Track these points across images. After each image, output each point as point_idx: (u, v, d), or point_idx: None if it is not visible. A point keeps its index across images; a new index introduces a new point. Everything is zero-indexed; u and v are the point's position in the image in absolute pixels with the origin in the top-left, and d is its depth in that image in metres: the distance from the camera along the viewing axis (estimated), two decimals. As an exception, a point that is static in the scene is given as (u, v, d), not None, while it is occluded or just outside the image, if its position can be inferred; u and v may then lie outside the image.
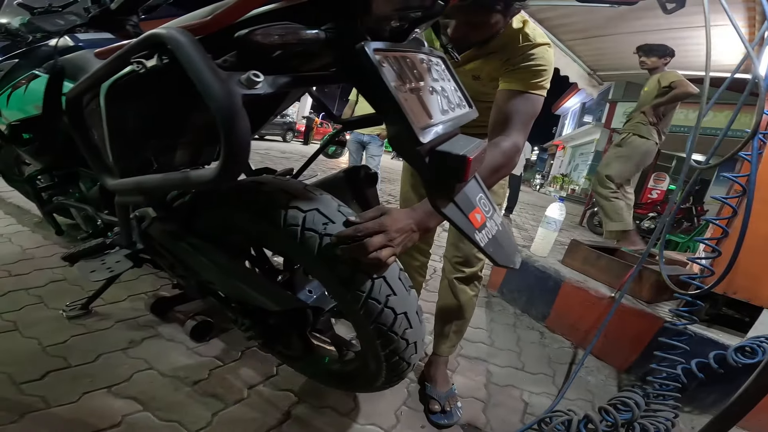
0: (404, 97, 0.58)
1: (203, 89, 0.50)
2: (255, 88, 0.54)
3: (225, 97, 0.50)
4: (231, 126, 0.50)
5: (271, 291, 0.89)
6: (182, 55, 0.51)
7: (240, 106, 0.51)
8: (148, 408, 1.05)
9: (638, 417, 1.31)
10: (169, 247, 0.92)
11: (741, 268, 1.58)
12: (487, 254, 0.67)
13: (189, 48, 0.51)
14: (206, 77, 0.50)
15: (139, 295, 1.57)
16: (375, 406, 1.25)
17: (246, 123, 0.51)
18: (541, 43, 1.05)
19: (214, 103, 0.50)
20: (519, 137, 1.00)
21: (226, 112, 0.50)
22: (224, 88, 0.50)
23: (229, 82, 0.51)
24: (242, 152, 0.53)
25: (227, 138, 0.51)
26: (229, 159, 0.53)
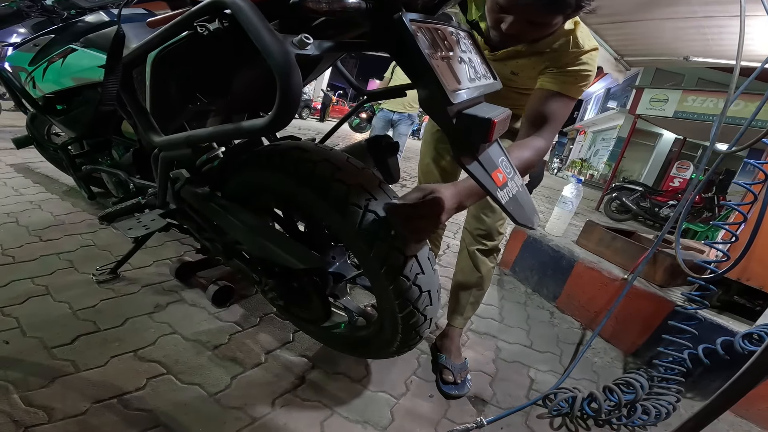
0: (437, 64, 0.63)
1: (263, 48, 0.56)
2: (306, 49, 0.60)
3: (282, 55, 0.56)
4: (287, 79, 0.56)
5: (297, 249, 0.93)
6: (244, 18, 0.58)
7: (294, 63, 0.57)
8: (171, 371, 1.10)
9: (641, 398, 1.33)
10: (201, 208, 0.96)
11: (756, 256, 1.56)
12: (507, 211, 0.71)
13: (250, 12, 0.57)
14: (266, 38, 0.56)
15: (164, 260, 1.63)
16: (386, 375, 1.30)
17: (299, 78, 0.58)
18: (590, 49, 1.04)
19: (273, 60, 0.56)
20: (551, 138, 1.03)
21: (283, 67, 0.56)
22: (282, 47, 0.56)
23: (284, 42, 0.57)
24: (294, 103, 0.59)
25: (283, 89, 0.57)
26: (282, 109, 0.59)
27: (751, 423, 1.49)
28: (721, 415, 0.85)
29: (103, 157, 1.47)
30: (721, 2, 2.93)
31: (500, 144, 0.75)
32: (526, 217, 0.72)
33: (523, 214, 0.72)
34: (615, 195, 7.29)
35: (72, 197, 2.14)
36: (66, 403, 0.94)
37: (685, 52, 4.08)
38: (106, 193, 1.61)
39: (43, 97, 1.41)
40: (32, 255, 1.50)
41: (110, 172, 1.34)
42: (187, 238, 1.78)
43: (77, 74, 1.26)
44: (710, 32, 3.46)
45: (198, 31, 0.65)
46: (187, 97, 0.90)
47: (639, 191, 7.05)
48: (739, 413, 1.52)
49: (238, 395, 1.08)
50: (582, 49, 1.03)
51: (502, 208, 0.70)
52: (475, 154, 0.67)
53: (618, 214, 7.14)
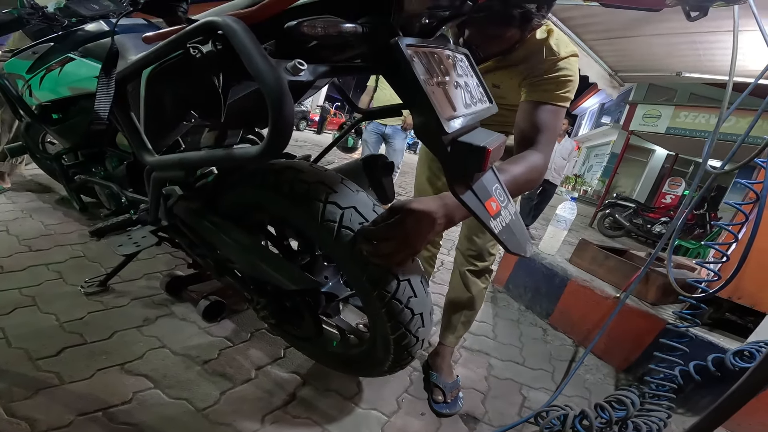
0: (432, 90, 0.62)
1: (256, 74, 0.55)
2: (299, 75, 0.59)
3: (275, 82, 0.55)
4: (279, 108, 0.55)
5: (290, 270, 0.93)
6: (237, 42, 0.56)
7: (287, 91, 0.56)
8: (159, 386, 1.08)
9: (632, 415, 1.33)
10: (193, 225, 0.96)
11: (748, 275, 1.58)
12: (500, 241, 0.70)
13: (243, 36, 0.56)
14: (259, 63, 0.55)
15: (154, 274, 1.62)
16: (378, 392, 1.28)
17: (291, 106, 0.57)
18: (566, 55, 1.03)
19: (266, 87, 0.55)
20: (548, 150, 0.99)
21: (276, 95, 0.55)
22: (274, 74, 0.55)
23: (278, 68, 0.56)
24: (287, 132, 0.58)
25: (275, 118, 0.56)
26: (275, 137, 0.58)
27: None
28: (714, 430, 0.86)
29: (97, 168, 1.47)
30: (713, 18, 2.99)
31: (495, 171, 0.75)
32: (518, 246, 0.72)
33: (516, 243, 0.71)
34: (608, 211, 7.34)
35: (64, 206, 2.12)
36: (50, 414, 0.92)
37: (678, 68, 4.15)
38: (98, 204, 1.61)
39: (39, 105, 1.40)
40: (21, 265, 1.48)
41: (103, 184, 1.33)
42: (179, 252, 1.77)
43: (74, 84, 1.26)
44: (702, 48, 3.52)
45: (191, 53, 0.64)
46: (182, 114, 0.90)
47: (632, 208, 7.11)
48: (729, 428, 1.51)
49: (227, 411, 1.06)
50: (558, 55, 1.02)
51: (495, 238, 0.69)
52: (469, 183, 0.66)
53: (611, 230, 7.19)
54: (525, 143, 1.00)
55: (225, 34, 0.58)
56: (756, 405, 1.41)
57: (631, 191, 15.03)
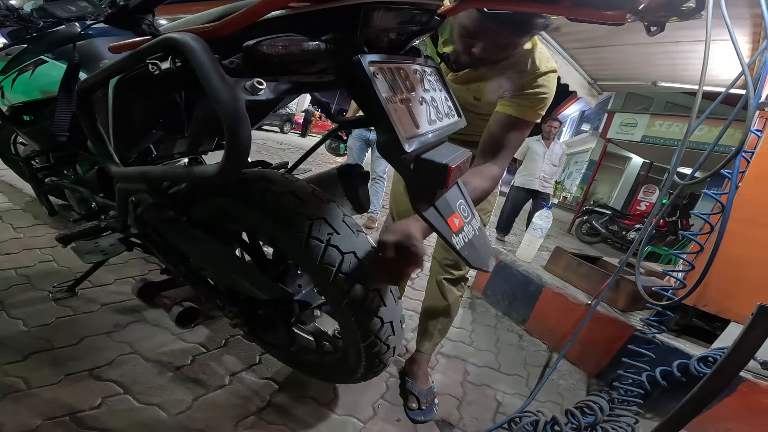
0: (394, 108, 0.63)
1: (212, 94, 0.54)
2: (258, 94, 0.59)
3: (231, 103, 0.54)
4: (235, 129, 0.55)
5: (261, 280, 0.92)
6: (194, 61, 0.55)
7: (244, 111, 0.55)
8: (129, 391, 1.07)
9: (601, 421, 1.36)
10: (165, 233, 0.95)
11: (713, 283, 1.63)
12: (462, 257, 0.71)
13: (201, 55, 0.55)
14: (215, 83, 0.54)
15: (126, 279, 1.59)
16: (354, 399, 1.29)
17: (248, 127, 0.56)
18: (546, 70, 1.04)
19: (221, 108, 0.54)
20: (506, 164, 1.05)
21: (231, 116, 0.54)
22: (231, 94, 0.54)
23: (235, 88, 0.56)
24: (243, 153, 0.57)
25: (230, 140, 0.56)
26: (230, 158, 0.57)
27: None
28: None
29: (68, 172, 1.43)
30: (688, 27, 3.09)
31: (460, 185, 0.76)
32: (481, 261, 0.73)
33: (478, 258, 0.73)
34: (585, 218, 7.50)
35: (34, 209, 2.06)
36: (16, 419, 0.91)
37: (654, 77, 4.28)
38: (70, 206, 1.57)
39: (10, 107, 1.37)
40: (-12, 269, 1.43)
41: (73, 188, 1.30)
42: (152, 257, 1.74)
43: (45, 87, 1.23)
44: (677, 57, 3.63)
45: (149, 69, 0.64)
46: (151, 124, 0.89)
47: (608, 215, 7.28)
48: None
49: (199, 417, 1.06)
50: (539, 71, 1.03)
51: (456, 254, 0.70)
52: (431, 200, 0.67)
53: (588, 237, 7.35)
54: (489, 153, 1.05)
55: (182, 52, 0.57)
56: (721, 411, 1.47)
57: (608, 198, 15.39)
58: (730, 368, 0.83)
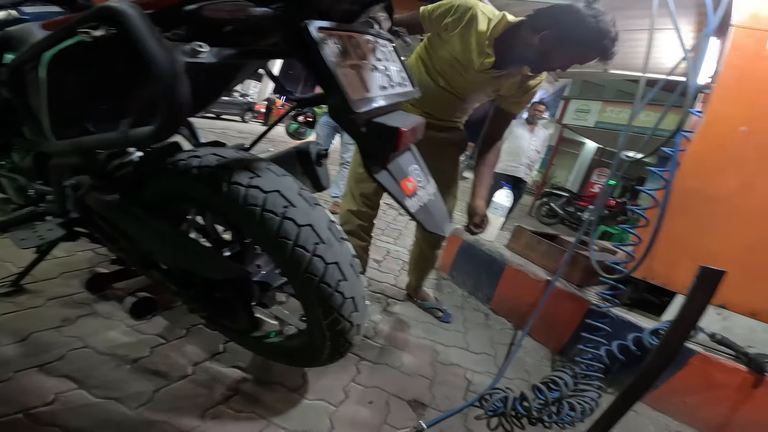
0: (343, 72, 0.64)
1: (147, 55, 0.55)
2: (198, 57, 0.59)
3: (167, 63, 0.55)
4: (172, 88, 0.56)
5: (214, 259, 0.90)
6: (130, 26, 0.56)
7: (181, 71, 0.56)
8: (83, 386, 1.01)
9: (566, 395, 1.42)
10: (110, 217, 0.90)
11: (659, 256, 1.72)
12: (416, 219, 0.74)
13: (136, 20, 0.56)
14: (150, 45, 0.55)
15: (74, 272, 1.49)
16: (324, 383, 1.28)
17: (186, 87, 0.57)
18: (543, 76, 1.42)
19: (157, 68, 0.55)
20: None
21: (167, 76, 0.55)
22: (167, 55, 0.55)
23: (172, 50, 0.56)
24: (181, 112, 0.58)
25: (167, 98, 0.56)
26: (166, 118, 0.58)
27: (668, 417, 1.62)
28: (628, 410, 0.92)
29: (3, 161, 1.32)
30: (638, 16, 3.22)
31: (414, 152, 0.77)
32: (436, 225, 0.75)
33: (433, 222, 0.75)
34: (545, 200, 7.82)
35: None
36: None
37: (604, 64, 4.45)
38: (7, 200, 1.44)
39: None
40: None
41: (8, 176, 1.20)
42: (101, 248, 1.64)
43: None
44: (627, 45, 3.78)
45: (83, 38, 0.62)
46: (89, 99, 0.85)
47: (565, 197, 7.62)
48: (656, 407, 1.65)
49: (162, 408, 1.02)
50: (541, 76, 1.43)
51: (411, 216, 0.72)
52: (384, 163, 0.69)
53: (547, 218, 7.67)
54: (494, 138, 1.65)
55: (118, 18, 0.57)
56: (675, 384, 1.57)
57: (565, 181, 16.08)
58: (678, 335, 0.85)
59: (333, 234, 0.82)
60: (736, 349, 1.54)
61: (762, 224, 1.60)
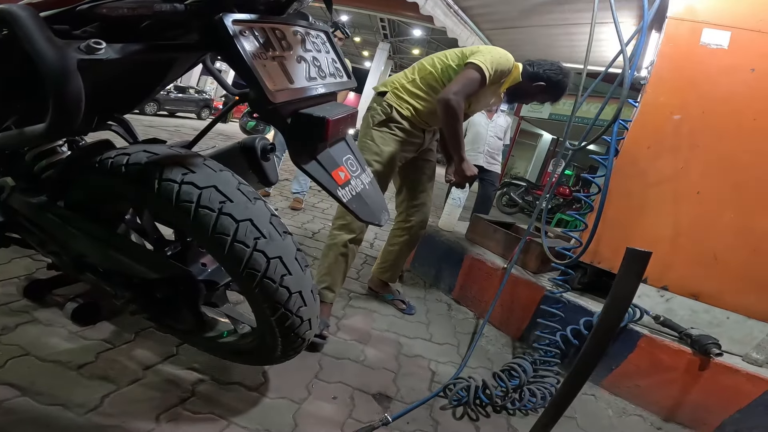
0: (262, 64, 0.64)
1: (35, 54, 0.54)
2: (96, 54, 0.58)
3: (56, 60, 0.54)
4: (60, 85, 0.55)
5: (150, 258, 0.88)
6: (18, 27, 0.55)
7: (72, 69, 0.55)
8: (27, 393, 0.97)
9: (525, 382, 1.45)
10: (36, 220, 0.86)
11: (604, 240, 1.79)
12: (349, 209, 0.74)
13: (26, 20, 0.55)
14: (39, 44, 0.54)
15: (10, 279, 1.40)
16: (286, 381, 1.26)
17: (77, 84, 0.56)
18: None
19: (44, 66, 0.54)
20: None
21: (56, 73, 0.54)
22: (56, 52, 0.55)
23: (64, 48, 0.56)
24: (72, 110, 0.57)
25: (56, 96, 0.56)
26: (57, 116, 0.57)
27: (624, 400, 1.66)
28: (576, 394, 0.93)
29: None
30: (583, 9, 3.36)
31: (349, 142, 0.78)
32: (371, 214, 0.76)
33: (367, 212, 0.75)
34: (505, 190, 8.04)
35: None
36: None
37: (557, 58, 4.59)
38: None
39: None
40: None
41: None
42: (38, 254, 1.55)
43: None
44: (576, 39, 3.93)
45: None
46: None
47: (524, 186, 7.87)
48: (613, 391, 1.69)
49: (112, 413, 0.98)
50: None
51: (343, 206, 0.73)
52: (313, 154, 0.69)
53: (508, 207, 7.90)
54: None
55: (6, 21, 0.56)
56: (627, 368, 1.62)
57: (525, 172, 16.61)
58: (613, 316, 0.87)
59: (275, 228, 0.81)
60: (679, 330, 1.58)
61: (696, 207, 1.70)
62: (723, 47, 1.66)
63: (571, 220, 5.80)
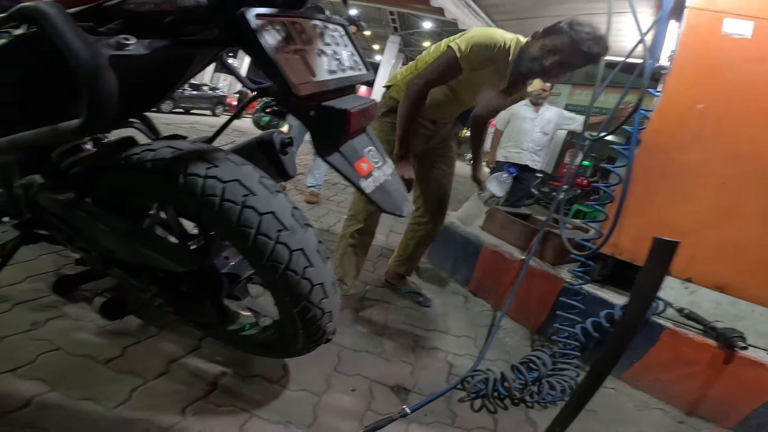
0: (285, 58, 0.64)
1: (67, 51, 0.55)
2: (125, 49, 0.59)
3: (88, 56, 0.55)
4: (95, 81, 0.56)
5: (175, 252, 0.89)
6: (49, 24, 0.56)
7: (105, 65, 0.56)
8: (57, 388, 1.00)
9: (545, 375, 1.44)
10: (65, 217, 0.88)
11: (625, 231, 1.76)
12: (372, 200, 0.74)
13: (56, 18, 0.56)
14: (70, 41, 0.55)
15: (39, 275, 1.44)
16: (305, 373, 1.28)
17: (111, 79, 0.57)
18: None
19: (77, 62, 0.55)
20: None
21: (88, 69, 0.55)
22: (88, 49, 0.55)
23: (95, 44, 0.56)
24: (106, 105, 0.58)
25: (90, 92, 0.56)
26: (92, 111, 0.58)
27: (646, 394, 1.64)
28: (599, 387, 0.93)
29: None
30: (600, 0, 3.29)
31: (370, 134, 0.78)
32: (393, 205, 0.76)
33: (390, 202, 0.76)
34: (523, 183, 7.90)
35: None
36: None
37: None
38: None
39: None
40: None
41: None
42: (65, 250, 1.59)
43: None
44: (593, 29, 3.86)
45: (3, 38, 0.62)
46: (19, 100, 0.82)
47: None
48: (634, 385, 1.67)
49: (140, 407, 1.01)
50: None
51: (366, 198, 0.73)
52: (336, 146, 0.70)
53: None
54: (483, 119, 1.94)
55: (36, 18, 0.57)
56: (649, 361, 1.60)
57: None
58: (638, 308, 0.86)
59: (296, 220, 0.82)
60: (704, 323, 1.55)
61: (721, 197, 1.66)
62: (746, 37, 1.63)
63: (590, 211, 5.70)
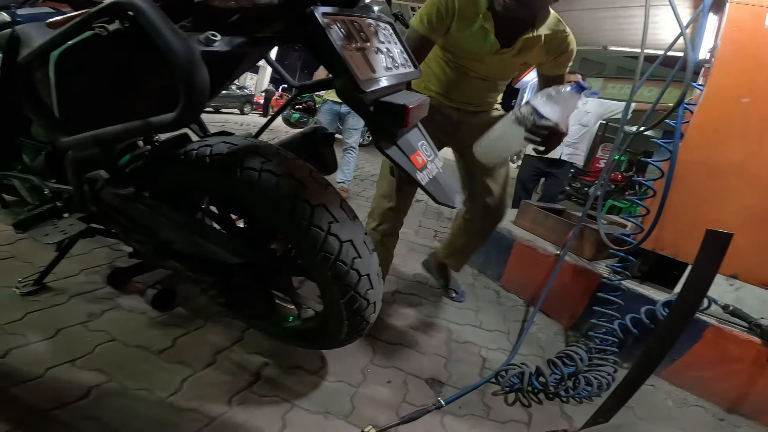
0: (349, 55, 0.66)
1: (164, 47, 0.56)
2: (213, 45, 0.61)
3: (185, 52, 0.57)
4: (191, 75, 0.57)
5: (231, 243, 0.93)
6: (144, 19, 0.57)
7: (198, 60, 0.58)
8: (114, 378, 1.05)
9: (582, 370, 1.42)
10: (125, 210, 0.93)
11: (667, 226, 1.70)
12: (427, 192, 0.76)
13: (150, 12, 0.58)
14: (167, 36, 0.56)
15: (93, 268, 1.52)
16: (343, 365, 1.31)
17: (204, 73, 0.59)
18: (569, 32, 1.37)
19: (175, 57, 0.56)
20: None
21: (186, 64, 0.57)
22: (184, 44, 0.57)
23: (188, 40, 0.58)
24: (200, 98, 0.60)
25: (186, 86, 0.58)
26: (187, 104, 0.60)
27: (686, 391, 1.61)
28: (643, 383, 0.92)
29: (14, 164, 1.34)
30: None
31: (421, 129, 0.80)
32: (446, 197, 0.78)
33: (444, 194, 0.78)
34: (544, 179, 7.73)
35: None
36: (3, 416, 0.88)
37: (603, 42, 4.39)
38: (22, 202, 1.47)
39: None
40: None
41: (22, 177, 1.22)
42: (117, 244, 1.68)
43: None
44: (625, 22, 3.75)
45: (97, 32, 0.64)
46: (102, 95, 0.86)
47: (571, 172, 7.55)
48: (673, 382, 1.64)
49: (190, 396, 1.05)
50: (566, 31, 1.35)
51: (422, 189, 0.75)
52: (393, 140, 0.72)
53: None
54: None
55: (132, 12, 0.59)
56: (690, 358, 1.56)
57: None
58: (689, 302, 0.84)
59: (346, 213, 0.85)
60: (749, 320, 1.51)
61: (767, 193, 1.59)
62: (789, 31, 1.55)
63: (626, 206, 5.51)
